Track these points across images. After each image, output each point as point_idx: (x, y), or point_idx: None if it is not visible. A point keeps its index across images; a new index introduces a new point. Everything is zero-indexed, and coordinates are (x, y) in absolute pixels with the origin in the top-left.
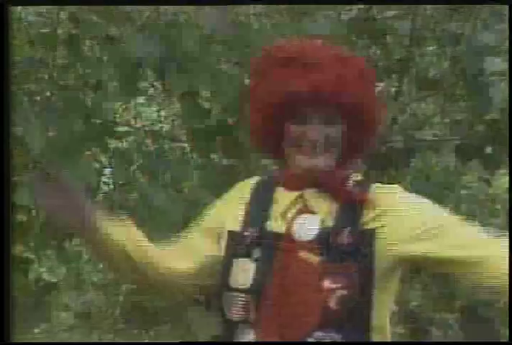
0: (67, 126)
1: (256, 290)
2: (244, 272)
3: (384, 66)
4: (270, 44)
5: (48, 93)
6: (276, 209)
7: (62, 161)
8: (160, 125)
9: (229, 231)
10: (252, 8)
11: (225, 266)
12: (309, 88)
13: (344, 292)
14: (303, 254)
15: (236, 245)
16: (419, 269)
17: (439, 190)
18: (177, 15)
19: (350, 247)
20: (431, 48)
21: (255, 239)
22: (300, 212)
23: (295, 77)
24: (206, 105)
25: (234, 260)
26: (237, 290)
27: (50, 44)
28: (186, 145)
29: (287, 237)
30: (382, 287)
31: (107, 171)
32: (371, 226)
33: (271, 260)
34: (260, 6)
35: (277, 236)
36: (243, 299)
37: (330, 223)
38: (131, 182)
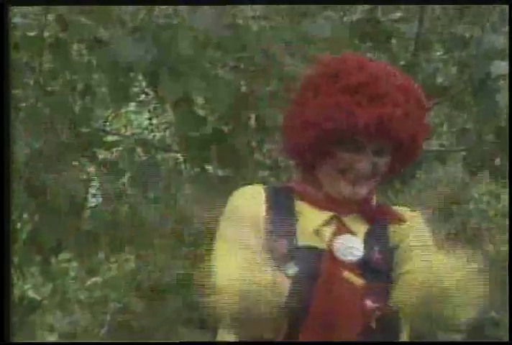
0: (53, 135)
1: (293, 307)
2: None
3: None
4: (269, 46)
5: (33, 100)
6: (304, 224)
7: (47, 172)
8: (152, 134)
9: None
10: (250, 10)
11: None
12: (376, 121)
13: (382, 310)
14: (347, 275)
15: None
16: None
17: (445, 204)
18: (170, 17)
19: (383, 266)
20: (438, 53)
21: (286, 252)
22: (338, 232)
23: (362, 107)
24: (201, 112)
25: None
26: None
27: (37, 48)
28: (179, 155)
29: (329, 256)
30: None
31: (95, 183)
32: (397, 244)
33: (311, 277)
34: (259, 8)
35: (315, 252)
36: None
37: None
38: (120, 195)
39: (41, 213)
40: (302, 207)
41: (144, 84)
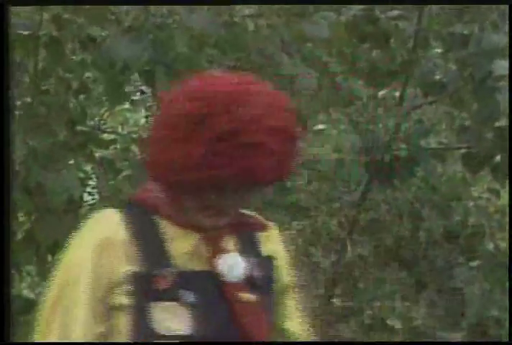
0: (49, 133)
1: (201, 336)
2: (175, 317)
3: (387, 69)
4: (266, 45)
5: (29, 98)
6: (177, 247)
7: (44, 171)
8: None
9: (131, 273)
10: (247, 9)
11: (139, 313)
12: (246, 173)
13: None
14: (243, 295)
15: (148, 288)
16: (424, 285)
17: (445, 202)
18: (166, 16)
19: (262, 279)
20: (437, 51)
21: (177, 279)
22: (217, 252)
23: (232, 158)
24: None
25: (152, 305)
26: (173, 337)
27: (31, 47)
28: None
29: (217, 279)
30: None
31: (92, 181)
32: (269, 253)
33: (212, 303)
34: (255, 6)
35: (204, 276)
36: None
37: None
38: (117, 194)
39: (37, 212)
40: (169, 229)
41: (140, 82)
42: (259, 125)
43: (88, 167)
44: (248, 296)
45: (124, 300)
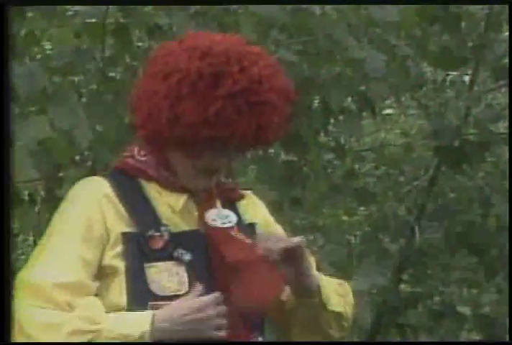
0: (115, 119)
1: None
2: (173, 277)
3: (458, 54)
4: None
5: (95, 85)
6: (165, 208)
7: (110, 155)
8: None
9: (124, 233)
10: None
11: (135, 274)
12: (255, 131)
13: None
14: (235, 233)
15: (143, 248)
16: (494, 272)
17: None
18: (231, 1)
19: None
20: (507, 34)
21: (171, 238)
22: (206, 208)
23: (241, 115)
24: None
25: (146, 265)
26: (170, 297)
27: (97, 35)
28: None
29: (209, 229)
30: None
31: None
32: (251, 220)
33: (205, 258)
34: None
35: (198, 234)
36: None
37: None
38: None
39: None
40: (154, 191)
41: None
42: (270, 84)
43: None
44: (242, 236)
45: (118, 262)
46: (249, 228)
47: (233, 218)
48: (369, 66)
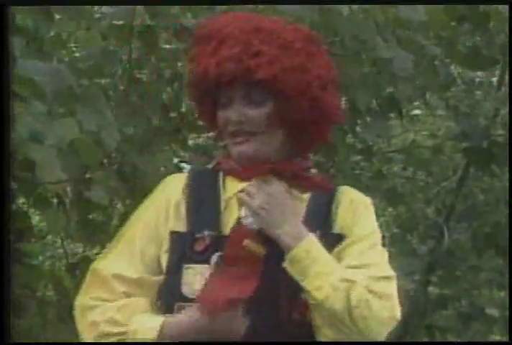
0: (143, 121)
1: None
2: (203, 280)
3: (486, 54)
4: (361, 30)
5: (123, 87)
6: (230, 205)
7: (138, 157)
8: None
9: (173, 233)
10: None
11: (172, 273)
12: (214, 66)
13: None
14: (247, 243)
15: (186, 249)
16: None
17: None
18: (259, 1)
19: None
20: None
21: (213, 242)
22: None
23: (205, 55)
24: None
25: (185, 266)
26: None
27: (124, 37)
28: None
29: (238, 225)
30: None
31: (187, 167)
32: (341, 230)
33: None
34: None
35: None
36: None
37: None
38: None
39: (132, 198)
40: (230, 183)
41: None
42: (241, 26)
43: (183, 153)
44: (255, 247)
45: (164, 259)
46: (333, 239)
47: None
48: (397, 66)
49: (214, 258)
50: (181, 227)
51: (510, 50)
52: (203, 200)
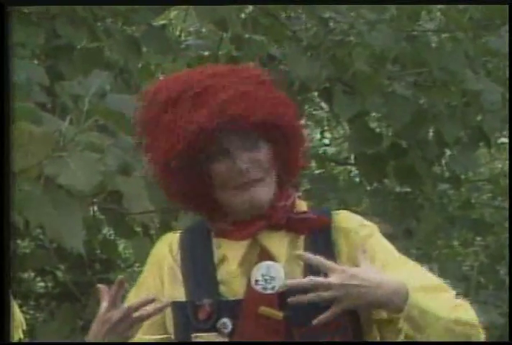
0: None
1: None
2: None
3: None
4: (450, 62)
5: None
6: (227, 267)
7: None
8: (325, 147)
9: (174, 303)
10: (428, 23)
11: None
12: (207, 118)
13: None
14: (263, 310)
15: (190, 318)
16: None
17: None
18: (346, 33)
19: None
20: None
21: (214, 309)
22: (262, 260)
23: (190, 112)
24: (377, 128)
25: (193, 335)
26: None
27: None
28: (354, 169)
29: (250, 291)
30: None
31: None
32: (348, 259)
33: (245, 332)
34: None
35: (238, 302)
36: None
37: (298, 268)
38: None
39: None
40: (225, 246)
41: (317, 100)
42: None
43: None
44: (270, 311)
45: (170, 327)
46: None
47: (278, 281)
48: (486, 98)
49: (225, 326)
50: (180, 294)
51: (510, 50)
52: (197, 264)
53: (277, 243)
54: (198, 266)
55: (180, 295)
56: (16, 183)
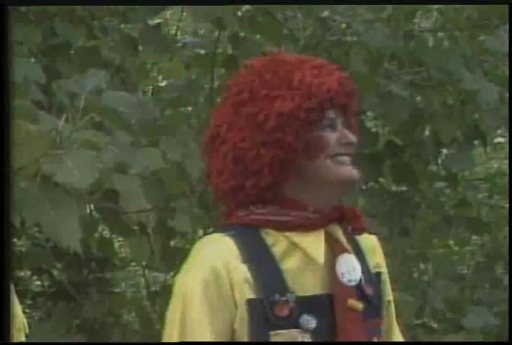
0: None
1: None
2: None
3: None
4: (447, 61)
5: (205, 117)
6: (291, 262)
7: None
8: None
9: (249, 300)
10: (425, 22)
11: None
12: (336, 84)
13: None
14: (351, 302)
15: (268, 315)
16: None
17: None
18: (343, 33)
19: (373, 291)
20: None
21: (297, 305)
22: (339, 252)
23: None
24: (373, 128)
25: (271, 333)
26: None
27: (207, 66)
28: None
29: (336, 284)
30: None
31: None
32: (378, 268)
33: (332, 327)
34: (435, 19)
35: (324, 298)
36: None
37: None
38: None
39: (214, 226)
40: (279, 243)
41: None
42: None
43: None
44: (356, 303)
45: (243, 328)
46: (376, 279)
47: (358, 272)
48: (483, 98)
49: (309, 323)
50: (253, 293)
51: (510, 50)
52: (260, 260)
53: (342, 235)
54: (263, 264)
55: (253, 295)
56: (13, 181)
